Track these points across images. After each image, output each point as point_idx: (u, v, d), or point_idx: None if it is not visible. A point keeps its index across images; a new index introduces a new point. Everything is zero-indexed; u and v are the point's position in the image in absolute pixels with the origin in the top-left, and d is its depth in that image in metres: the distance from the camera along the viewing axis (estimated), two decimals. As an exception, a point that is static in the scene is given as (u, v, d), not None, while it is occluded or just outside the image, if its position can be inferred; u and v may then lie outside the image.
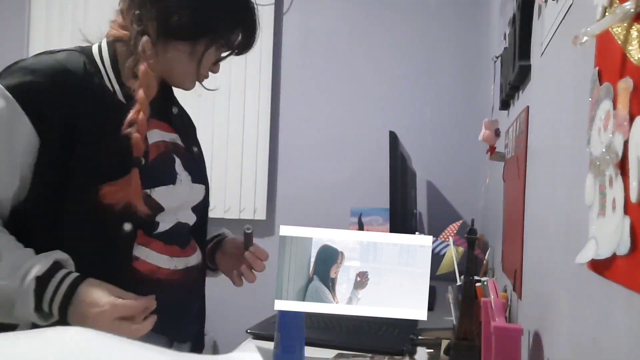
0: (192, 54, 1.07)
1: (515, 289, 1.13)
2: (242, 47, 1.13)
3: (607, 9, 0.52)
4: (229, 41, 1.10)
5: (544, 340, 0.83)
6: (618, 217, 0.47)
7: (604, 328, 0.52)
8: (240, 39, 1.11)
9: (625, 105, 0.46)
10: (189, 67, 1.08)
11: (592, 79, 0.57)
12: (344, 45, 2.86)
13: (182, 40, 1.05)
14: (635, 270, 0.44)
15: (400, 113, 2.77)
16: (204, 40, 1.06)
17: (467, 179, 2.66)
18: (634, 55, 0.46)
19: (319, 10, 2.89)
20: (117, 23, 1.08)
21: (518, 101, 1.30)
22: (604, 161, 0.51)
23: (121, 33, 1.07)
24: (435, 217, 2.73)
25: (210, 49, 1.08)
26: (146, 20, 1.03)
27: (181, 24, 1.03)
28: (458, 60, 2.74)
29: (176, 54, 1.06)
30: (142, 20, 1.04)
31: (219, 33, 1.07)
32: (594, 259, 0.52)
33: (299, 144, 2.90)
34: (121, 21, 1.08)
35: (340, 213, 2.72)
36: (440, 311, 1.63)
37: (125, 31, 1.06)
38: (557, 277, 0.75)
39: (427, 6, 2.77)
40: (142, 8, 1.04)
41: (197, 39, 1.05)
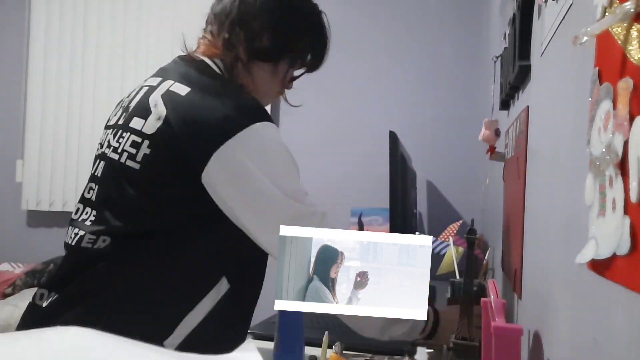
0: (274, 73, 1.15)
1: (515, 289, 1.13)
2: (314, 65, 1.22)
3: (607, 9, 0.52)
4: (304, 60, 1.19)
5: (544, 340, 0.83)
6: (618, 217, 0.47)
7: (604, 328, 0.52)
8: (311, 57, 1.20)
9: (625, 105, 0.46)
10: (271, 85, 1.17)
11: (592, 79, 0.57)
12: (344, 45, 2.85)
13: (266, 62, 1.13)
14: (635, 270, 0.44)
15: (400, 113, 2.77)
16: (285, 60, 1.14)
17: (467, 179, 2.66)
18: (634, 55, 0.46)
19: (319, 10, 2.89)
20: (209, 41, 1.13)
21: (518, 101, 1.30)
22: (604, 161, 0.51)
23: (213, 52, 1.12)
24: (435, 217, 2.73)
25: (291, 69, 1.17)
26: (237, 43, 1.10)
27: (265, 46, 1.11)
28: (458, 60, 2.74)
29: (260, 73, 1.13)
30: (234, 43, 1.10)
31: (299, 54, 1.16)
32: (594, 259, 0.52)
33: (298, 143, 2.89)
34: (213, 41, 1.13)
35: (340, 213, 2.72)
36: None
37: (217, 50, 1.11)
38: (557, 277, 0.75)
39: (427, 6, 2.77)
40: (232, 32, 1.10)
41: (279, 59, 1.13)
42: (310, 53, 1.19)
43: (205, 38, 1.15)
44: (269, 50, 1.12)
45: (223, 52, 1.12)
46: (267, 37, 1.11)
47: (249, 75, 1.13)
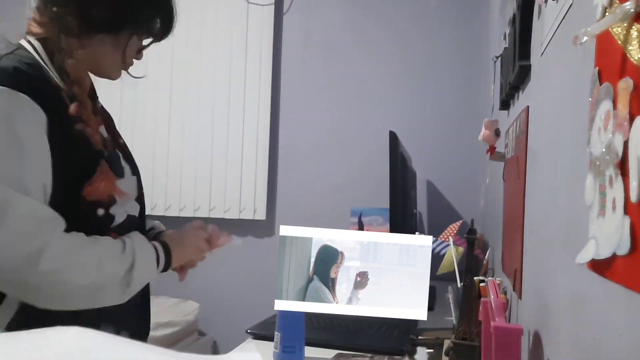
0: (115, 45, 1.08)
1: (515, 289, 1.13)
2: (162, 33, 1.15)
3: (607, 9, 0.52)
4: (150, 29, 1.12)
5: (544, 340, 0.83)
6: (618, 217, 0.47)
7: (604, 328, 0.52)
8: (159, 25, 1.13)
9: (625, 105, 0.46)
10: (114, 58, 1.10)
11: (592, 79, 0.57)
12: (344, 45, 2.86)
13: (105, 33, 1.06)
14: (635, 270, 0.44)
15: (400, 113, 2.77)
16: (126, 30, 1.08)
17: (467, 179, 2.66)
18: (634, 55, 0.46)
19: (319, 10, 2.90)
20: (36, 21, 1.07)
21: (518, 101, 1.30)
22: (604, 161, 0.51)
23: (41, 30, 1.05)
24: (435, 217, 2.73)
25: (133, 38, 1.10)
26: (65, 16, 1.03)
27: (102, 16, 1.05)
28: (458, 61, 2.74)
29: (100, 46, 1.07)
30: (61, 16, 1.03)
31: (140, 22, 1.10)
32: (594, 259, 0.52)
33: (299, 144, 2.90)
34: (39, 19, 1.06)
35: (340, 213, 2.72)
36: (440, 311, 1.63)
37: (39, 29, 1.05)
38: (557, 277, 0.75)
39: (427, 6, 2.77)
40: (60, 5, 1.03)
41: (119, 30, 1.07)
42: (155, 21, 1.12)
43: (33, 17, 1.07)
44: (105, 20, 1.05)
45: (48, 28, 1.05)
46: (102, 7, 1.04)
47: (85, 48, 1.06)
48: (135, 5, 1.09)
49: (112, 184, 1.04)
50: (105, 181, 1.03)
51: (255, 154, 2.91)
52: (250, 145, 2.92)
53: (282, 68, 2.93)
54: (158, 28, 1.13)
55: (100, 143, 1.05)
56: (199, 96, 2.95)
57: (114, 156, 1.10)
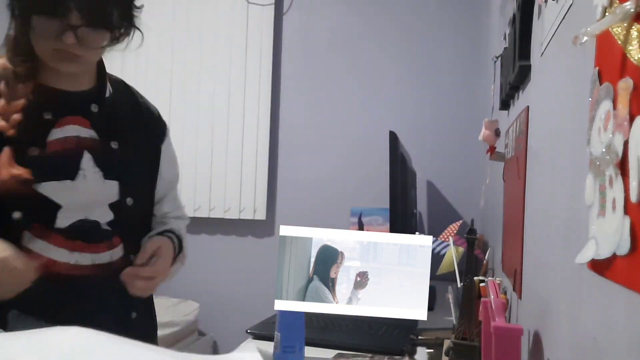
0: (37, 30, 1.01)
1: (515, 289, 1.13)
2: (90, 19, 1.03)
3: (607, 9, 0.52)
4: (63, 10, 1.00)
5: (544, 340, 0.83)
6: (618, 217, 0.47)
7: (604, 328, 0.52)
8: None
9: (625, 105, 0.46)
10: (44, 42, 1.02)
11: (592, 79, 0.57)
12: (344, 46, 2.86)
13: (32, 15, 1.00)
14: (635, 270, 0.44)
15: (400, 113, 2.77)
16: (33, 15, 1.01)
17: (467, 179, 2.66)
18: (634, 55, 0.46)
19: (319, 10, 2.90)
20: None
21: (518, 101, 1.30)
22: (604, 161, 0.51)
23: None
24: (435, 217, 2.73)
25: (40, 22, 1.01)
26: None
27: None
28: (458, 60, 2.74)
29: (34, 29, 1.01)
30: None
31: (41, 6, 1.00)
32: (594, 259, 0.52)
33: (299, 144, 2.90)
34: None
35: (340, 213, 2.72)
36: (440, 311, 1.63)
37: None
38: (557, 277, 0.75)
39: (427, 6, 2.77)
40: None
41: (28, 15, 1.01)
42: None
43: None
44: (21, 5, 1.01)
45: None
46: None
47: (28, 33, 1.02)
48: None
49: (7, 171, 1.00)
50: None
51: (255, 154, 2.91)
52: (250, 145, 2.91)
53: (282, 68, 2.93)
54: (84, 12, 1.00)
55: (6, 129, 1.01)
56: (199, 96, 2.95)
57: (58, 158, 1.07)
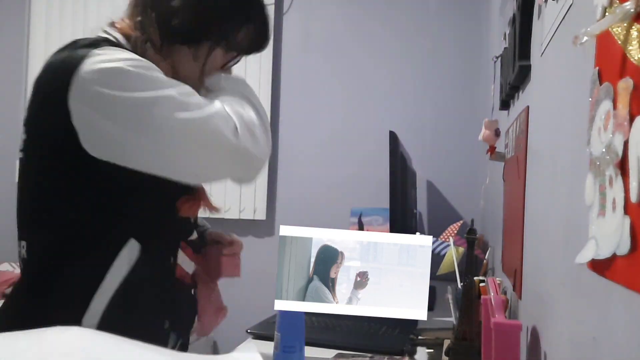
0: (195, 58, 1.03)
1: (515, 289, 1.13)
2: (249, 48, 1.09)
3: (607, 9, 0.52)
4: (235, 42, 1.06)
5: (543, 340, 0.83)
6: (618, 217, 0.47)
7: (604, 328, 0.52)
8: (246, 39, 1.07)
9: (625, 105, 0.46)
10: (193, 70, 1.04)
11: (592, 79, 0.57)
12: (344, 46, 2.86)
13: (184, 44, 1.02)
14: (635, 270, 0.44)
15: (400, 113, 2.77)
16: (206, 42, 1.02)
17: (467, 179, 2.66)
18: (634, 55, 0.46)
19: (319, 10, 2.90)
20: (125, 23, 1.05)
21: (518, 101, 1.30)
22: (604, 161, 0.51)
23: (127, 33, 1.03)
24: (435, 217, 2.73)
25: (214, 51, 1.04)
26: (148, 26, 1.01)
27: (181, 27, 1.00)
28: (458, 60, 2.74)
29: (179, 58, 1.03)
30: (145, 26, 1.02)
31: (223, 34, 1.03)
32: (594, 259, 0.52)
33: (299, 144, 2.90)
34: (128, 23, 1.04)
35: (340, 213, 2.72)
36: (440, 311, 1.63)
37: (131, 32, 1.03)
38: (557, 277, 0.75)
39: (428, 6, 2.77)
40: (144, 14, 1.01)
41: (199, 41, 1.02)
42: (242, 33, 1.06)
43: (123, 21, 1.05)
44: (184, 31, 1.01)
45: (136, 34, 1.02)
46: (183, 17, 1.00)
47: (165, 59, 1.02)
48: (216, 17, 1.02)
49: (207, 201, 1.23)
50: (199, 201, 1.19)
51: (255, 154, 2.91)
52: (250, 145, 2.91)
53: (282, 68, 2.93)
54: (245, 42, 1.07)
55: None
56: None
57: None
